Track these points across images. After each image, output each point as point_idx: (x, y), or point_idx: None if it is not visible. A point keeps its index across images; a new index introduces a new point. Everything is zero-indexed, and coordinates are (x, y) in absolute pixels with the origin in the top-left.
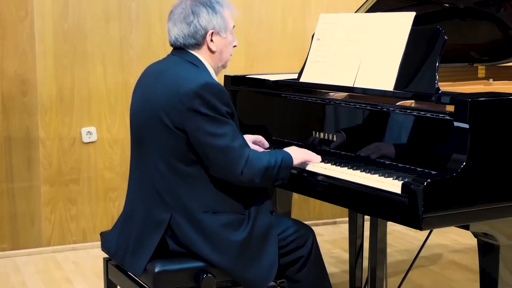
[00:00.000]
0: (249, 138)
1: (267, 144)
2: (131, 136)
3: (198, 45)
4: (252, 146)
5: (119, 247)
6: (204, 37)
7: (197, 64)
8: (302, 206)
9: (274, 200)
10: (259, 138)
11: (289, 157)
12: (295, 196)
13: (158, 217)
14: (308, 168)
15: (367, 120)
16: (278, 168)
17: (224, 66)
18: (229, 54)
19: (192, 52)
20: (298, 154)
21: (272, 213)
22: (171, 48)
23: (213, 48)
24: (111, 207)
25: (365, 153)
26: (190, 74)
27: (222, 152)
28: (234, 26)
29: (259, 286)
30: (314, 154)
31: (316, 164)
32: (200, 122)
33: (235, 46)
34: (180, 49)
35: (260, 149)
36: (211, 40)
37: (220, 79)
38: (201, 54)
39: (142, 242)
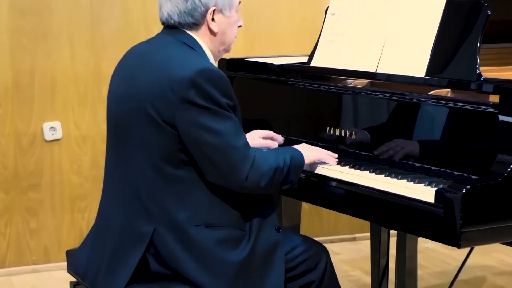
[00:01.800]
0: (257, 134)
1: (281, 139)
2: (107, 130)
3: (196, 25)
4: (263, 144)
5: (89, 268)
6: (204, 15)
7: (194, 46)
8: (314, 219)
9: (280, 211)
10: (270, 133)
11: (299, 156)
12: (305, 206)
13: (138, 230)
14: (321, 171)
15: (393, 113)
16: (288, 169)
17: (226, 50)
18: (233, 36)
19: (189, 32)
20: (309, 153)
21: (279, 230)
22: (153, 27)
23: (215, 29)
24: (79, 219)
25: (390, 154)
26: (185, 58)
27: (223, 153)
28: (240, 2)
29: None
30: (328, 153)
31: (330, 167)
32: (195, 116)
33: (240, 26)
34: (173, 28)
35: (274, 145)
36: (212, 19)
37: None
38: (199, 36)
39: (119, 262)
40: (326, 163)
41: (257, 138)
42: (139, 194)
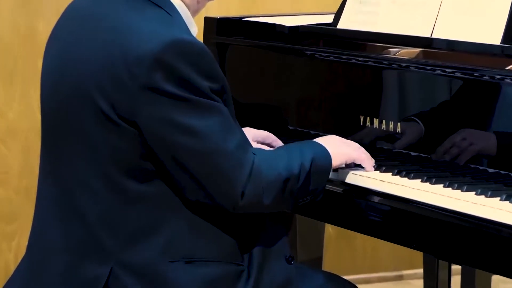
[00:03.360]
0: (249, 135)
1: (280, 143)
2: (42, 127)
3: None
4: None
5: None
6: None
7: (161, 4)
8: (343, 249)
9: (293, 237)
10: (269, 137)
11: (324, 155)
12: (330, 230)
13: (88, 272)
14: (353, 180)
15: (457, 96)
16: (307, 176)
17: None
18: None
19: None
20: (339, 150)
21: (291, 260)
22: None
23: None
24: (4, 250)
25: (452, 154)
26: (148, 24)
27: (208, 161)
28: None
29: None
30: (365, 152)
31: (366, 174)
32: (164, 109)
33: None
34: None
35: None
36: None
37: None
38: None
39: None
40: (359, 168)
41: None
42: (86, 219)
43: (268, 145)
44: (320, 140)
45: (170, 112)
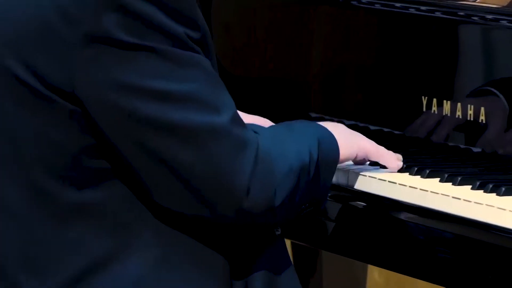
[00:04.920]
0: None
1: None
2: None
3: None
4: None
5: None
6: None
7: None
8: None
9: (318, 282)
10: (264, 123)
11: (330, 138)
12: (375, 276)
13: None
14: (380, 190)
15: None
16: (316, 168)
17: None
18: None
19: None
20: (348, 136)
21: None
22: None
23: None
24: None
25: None
26: None
27: (192, 143)
28: None
29: None
30: (381, 148)
31: (399, 177)
32: (122, 69)
33: None
34: None
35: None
36: None
37: None
38: None
39: None
40: (380, 168)
41: None
42: (5, 243)
43: None
44: (324, 124)
45: (129, 72)
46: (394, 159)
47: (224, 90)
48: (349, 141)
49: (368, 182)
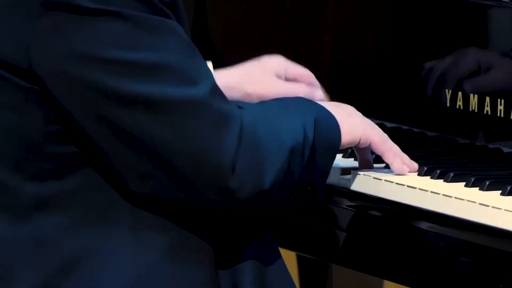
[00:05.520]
0: (268, 67)
1: (320, 94)
2: None
3: None
4: (282, 92)
5: None
6: None
7: None
8: None
9: None
10: (297, 70)
11: (330, 119)
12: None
13: None
14: (398, 196)
15: None
16: (311, 150)
17: None
18: None
19: None
20: (352, 118)
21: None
22: None
23: None
24: None
25: None
26: None
27: (168, 120)
28: None
29: None
30: (394, 144)
31: (419, 181)
32: (87, 38)
33: None
34: None
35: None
36: None
37: None
38: None
39: None
40: (383, 169)
41: (268, 79)
42: None
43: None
44: (325, 104)
45: (92, 41)
46: (399, 160)
47: (200, 59)
48: (352, 124)
49: (384, 187)
